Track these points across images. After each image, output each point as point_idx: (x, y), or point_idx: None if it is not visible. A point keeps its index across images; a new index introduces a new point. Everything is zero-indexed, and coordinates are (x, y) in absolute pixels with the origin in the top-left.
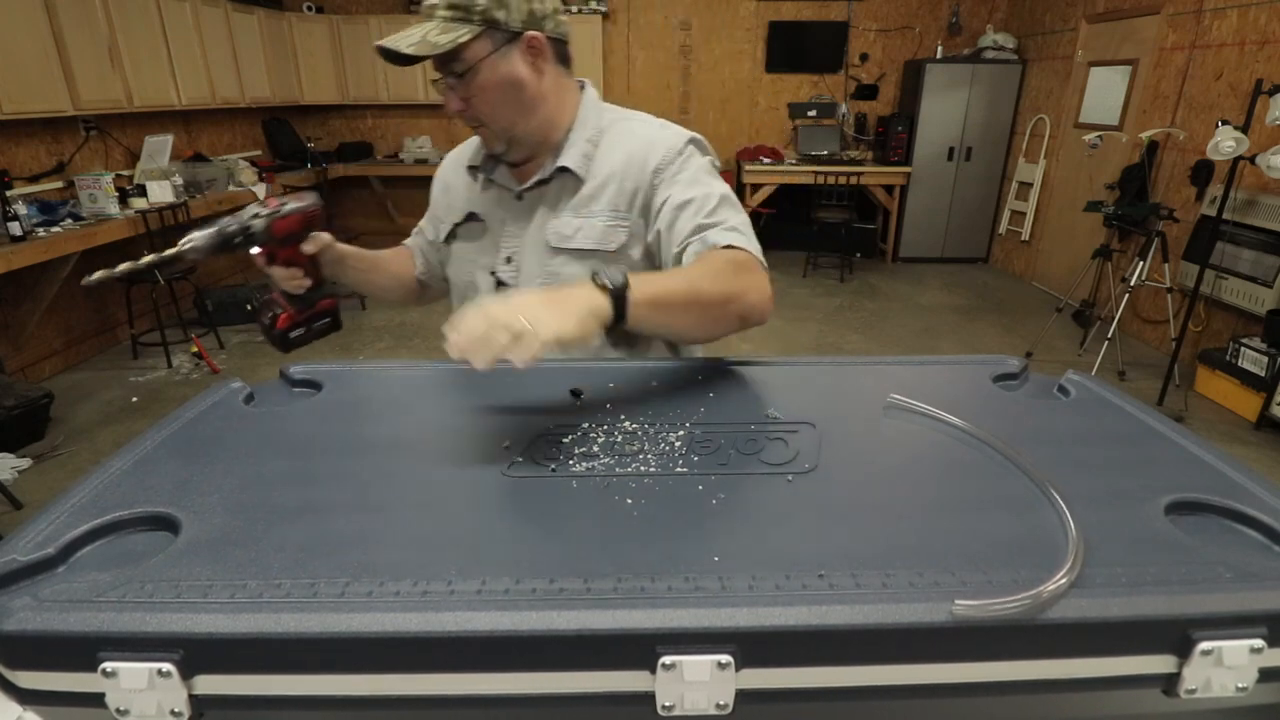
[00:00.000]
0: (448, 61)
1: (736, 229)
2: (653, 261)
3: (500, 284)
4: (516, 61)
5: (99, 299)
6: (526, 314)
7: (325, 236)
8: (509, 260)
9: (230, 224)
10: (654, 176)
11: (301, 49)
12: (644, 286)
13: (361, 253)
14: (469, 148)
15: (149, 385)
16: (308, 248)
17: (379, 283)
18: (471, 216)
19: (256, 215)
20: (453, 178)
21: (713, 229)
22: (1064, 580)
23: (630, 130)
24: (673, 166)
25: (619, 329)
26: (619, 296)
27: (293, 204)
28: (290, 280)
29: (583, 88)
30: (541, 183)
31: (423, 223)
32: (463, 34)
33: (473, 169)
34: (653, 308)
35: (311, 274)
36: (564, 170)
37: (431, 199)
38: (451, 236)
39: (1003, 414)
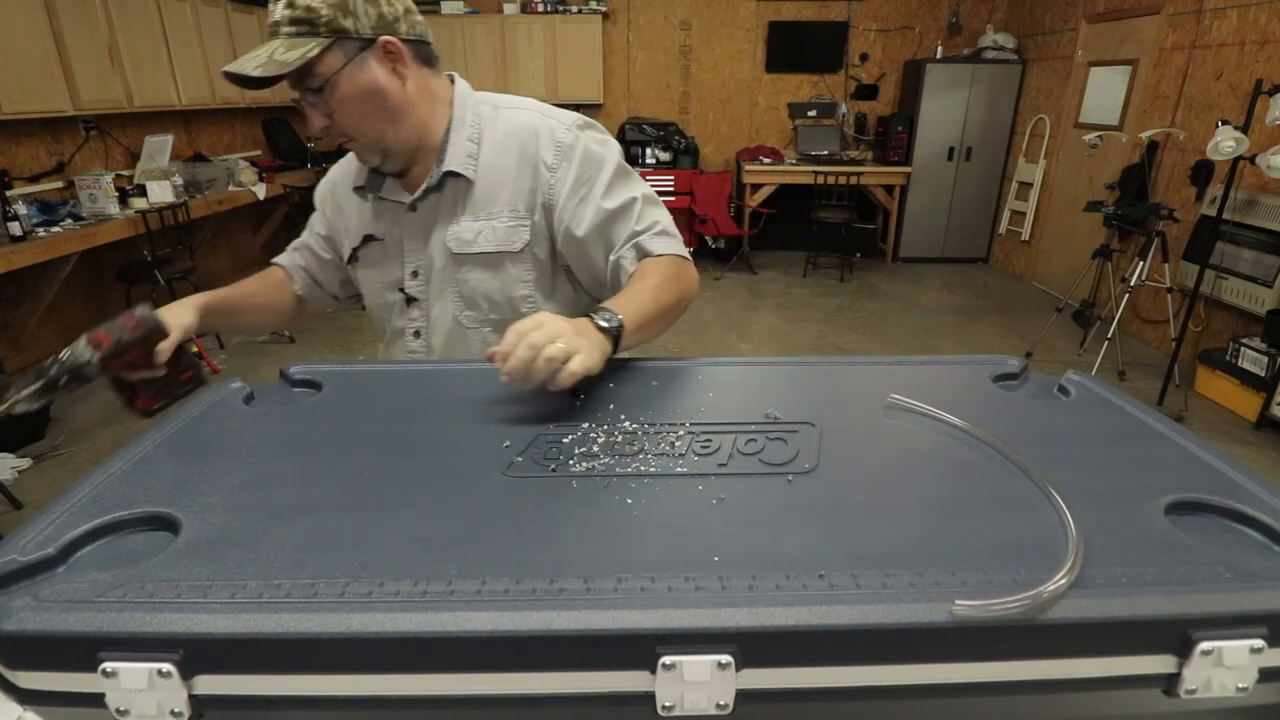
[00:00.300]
0: (302, 79)
1: (666, 232)
2: (556, 260)
3: (410, 300)
4: (374, 70)
5: (99, 299)
6: (567, 344)
7: (171, 340)
8: (415, 274)
9: (58, 371)
10: (550, 175)
11: None
12: (631, 315)
13: (220, 304)
14: (350, 165)
15: None
16: (158, 362)
17: (248, 321)
18: (369, 238)
19: (87, 363)
20: (342, 198)
21: (645, 235)
22: (1064, 580)
23: (513, 121)
24: (571, 165)
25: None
26: (617, 336)
27: (126, 335)
28: (145, 375)
29: (453, 81)
30: (431, 190)
31: (305, 239)
32: (311, 48)
33: (359, 190)
34: (635, 332)
35: (167, 364)
36: (452, 174)
37: (318, 216)
38: (353, 259)
39: (1003, 414)
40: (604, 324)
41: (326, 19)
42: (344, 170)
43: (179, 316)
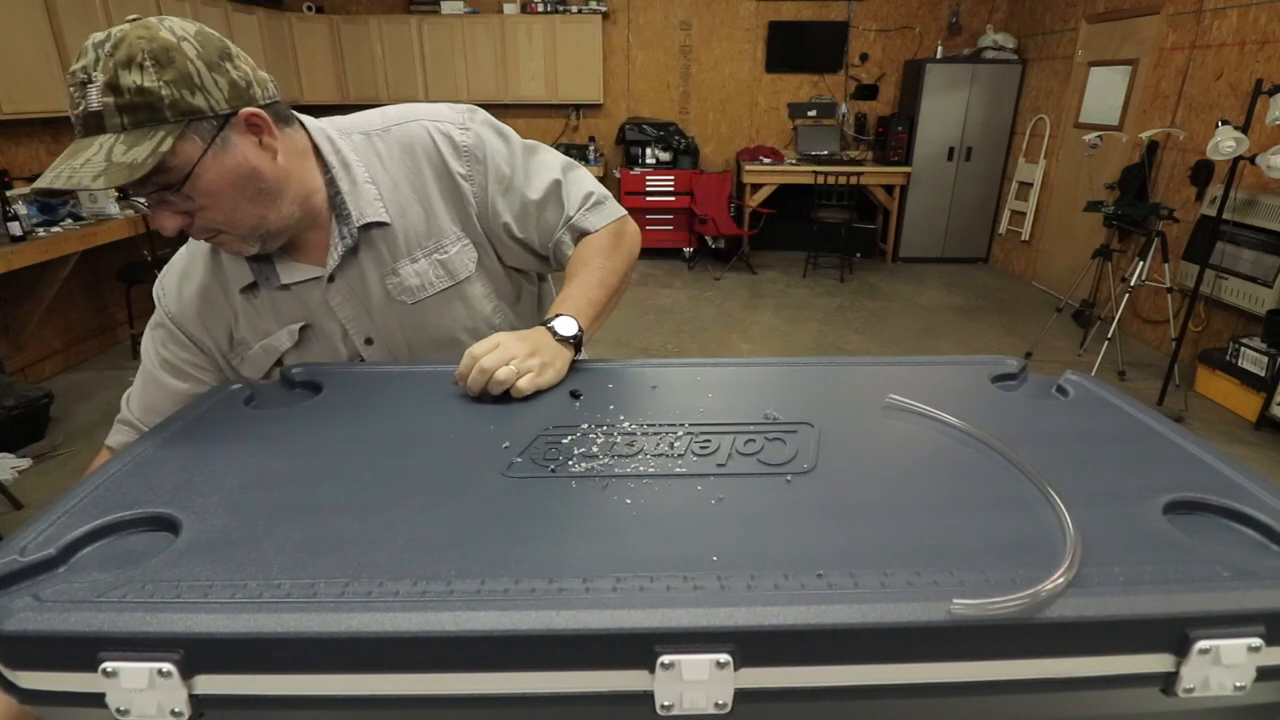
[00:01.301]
0: (150, 177)
1: (597, 201)
2: (505, 263)
3: None
4: (241, 149)
5: (99, 299)
6: (518, 366)
7: None
8: (369, 342)
9: None
10: (468, 183)
11: (301, 49)
12: (584, 313)
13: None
14: (204, 267)
15: None
16: None
17: None
18: (304, 329)
19: None
20: (225, 306)
21: (578, 214)
22: (1062, 580)
23: (398, 141)
24: (484, 165)
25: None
26: (577, 342)
27: None
28: None
29: (302, 125)
30: (349, 252)
31: (155, 391)
32: (161, 139)
33: (251, 288)
34: (592, 325)
35: None
36: (367, 226)
37: (173, 344)
38: (279, 363)
39: (1002, 414)
40: (562, 333)
41: (171, 100)
42: (202, 276)
43: None
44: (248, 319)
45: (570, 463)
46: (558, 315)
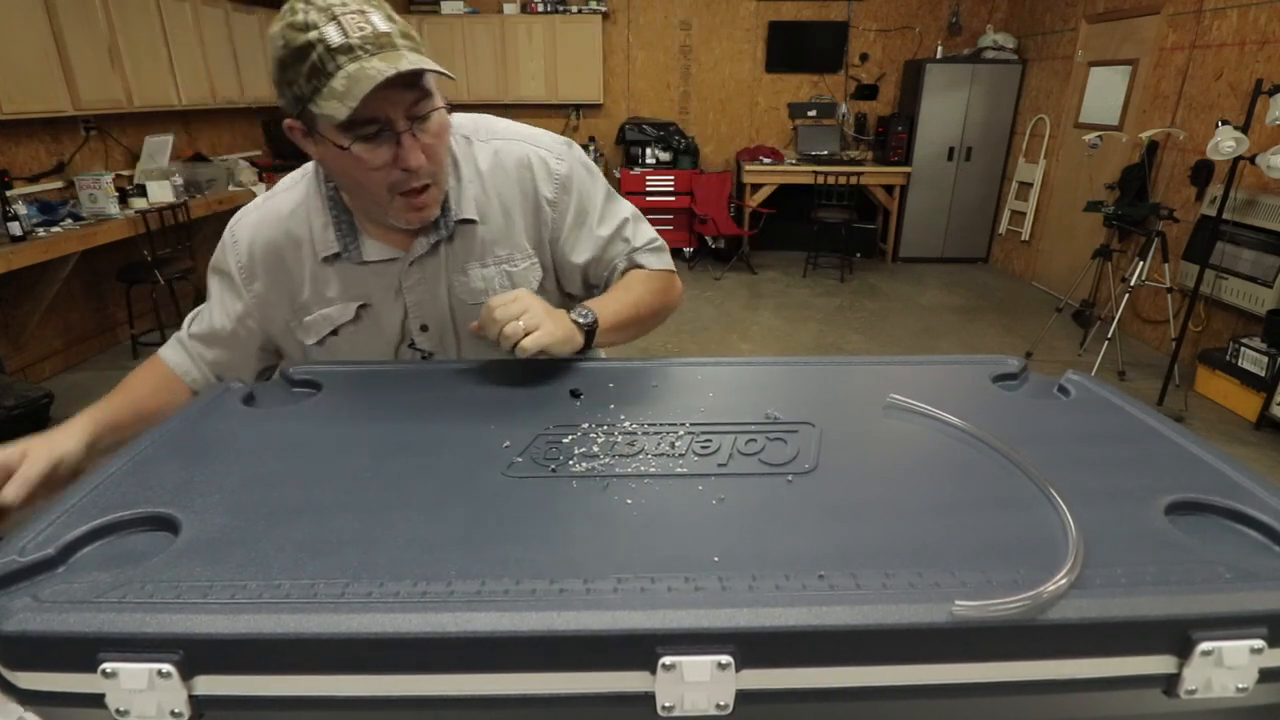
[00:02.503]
0: (418, 100)
1: (658, 248)
2: (561, 289)
3: (425, 356)
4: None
5: (99, 299)
6: (527, 322)
7: (27, 480)
8: (425, 329)
9: None
10: (553, 210)
11: None
12: (607, 316)
13: (116, 419)
14: (286, 230)
15: None
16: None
17: (137, 433)
18: (362, 310)
19: None
20: (295, 270)
21: (640, 251)
22: (1064, 581)
23: (501, 155)
24: (570, 197)
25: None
26: (591, 331)
27: None
28: None
29: None
30: (440, 242)
31: (209, 326)
32: (431, 66)
33: (332, 258)
34: (610, 332)
35: None
36: (462, 222)
37: (232, 296)
38: (333, 333)
39: (1003, 414)
40: (578, 319)
41: (419, 40)
42: (280, 235)
43: (58, 445)
44: (314, 285)
45: (571, 463)
46: (580, 306)
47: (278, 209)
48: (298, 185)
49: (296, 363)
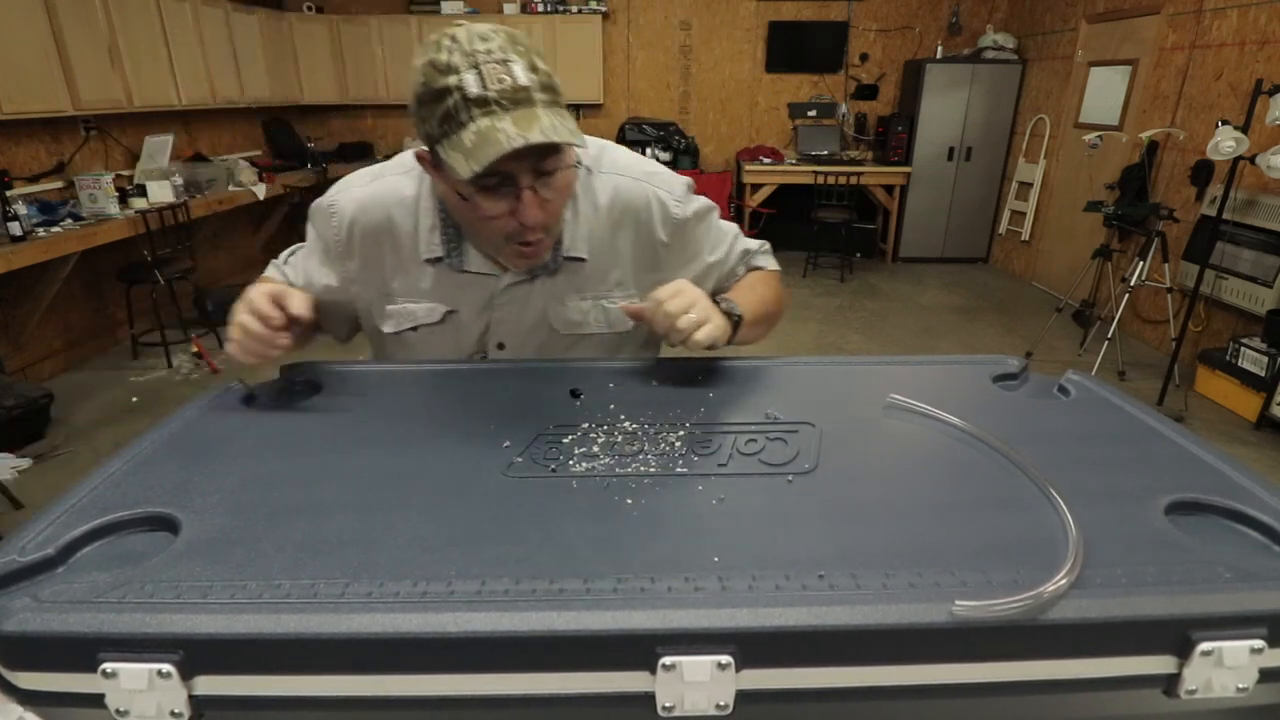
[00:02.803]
0: (547, 157)
1: (768, 251)
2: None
3: None
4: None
5: (99, 299)
6: (698, 315)
7: (305, 297)
8: (501, 346)
9: None
10: (665, 251)
11: (301, 49)
12: (748, 312)
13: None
14: (393, 221)
15: (149, 385)
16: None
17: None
18: (448, 316)
19: None
20: (393, 260)
21: (753, 255)
22: (1064, 581)
23: (617, 191)
24: (685, 240)
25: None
26: (737, 325)
27: None
28: None
29: None
30: (542, 271)
31: (302, 280)
32: (572, 118)
33: (435, 261)
34: (749, 327)
35: None
36: (570, 259)
37: (328, 267)
38: (411, 330)
39: (1003, 414)
40: (729, 311)
41: (560, 90)
42: (385, 221)
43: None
44: (407, 279)
45: (571, 463)
46: (725, 298)
47: (388, 194)
48: (411, 175)
49: (374, 342)
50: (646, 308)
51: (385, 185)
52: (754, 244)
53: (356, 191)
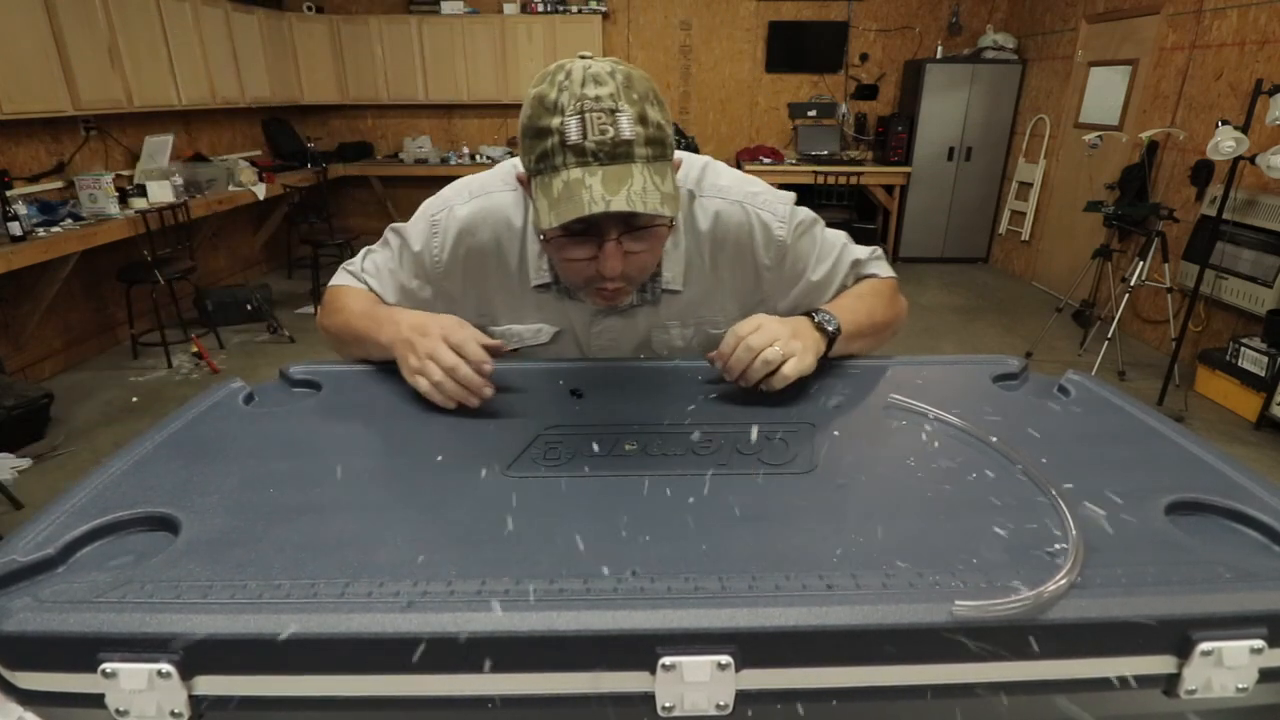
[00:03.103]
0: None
1: (880, 257)
2: None
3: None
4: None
5: (99, 299)
6: (783, 347)
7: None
8: None
9: None
10: (769, 274)
11: (301, 49)
12: (847, 322)
13: None
14: (495, 230)
15: (149, 385)
16: None
17: None
18: (557, 336)
19: None
20: (497, 282)
21: (864, 264)
22: (1064, 581)
23: (723, 219)
24: (786, 261)
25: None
26: (833, 338)
27: None
28: None
29: None
30: (641, 302)
31: (379, 290)
32: (672, 174)
33: (542, 288)
34: (849, 340)
35: None
36: (669, 291)
37: (424, 285)
38: (514, 352)
39: (1003, 414)
40: (823, 324)
41: (669, 140)
42: (490, 245)
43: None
44: (511, 302)
45: (571, 463)
46: (821, 310)
47: (495, 215)
48: (517, 194)
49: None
50: (726, 345)
51: (491, 204)
52: (864, 251)
53: (461, 210)
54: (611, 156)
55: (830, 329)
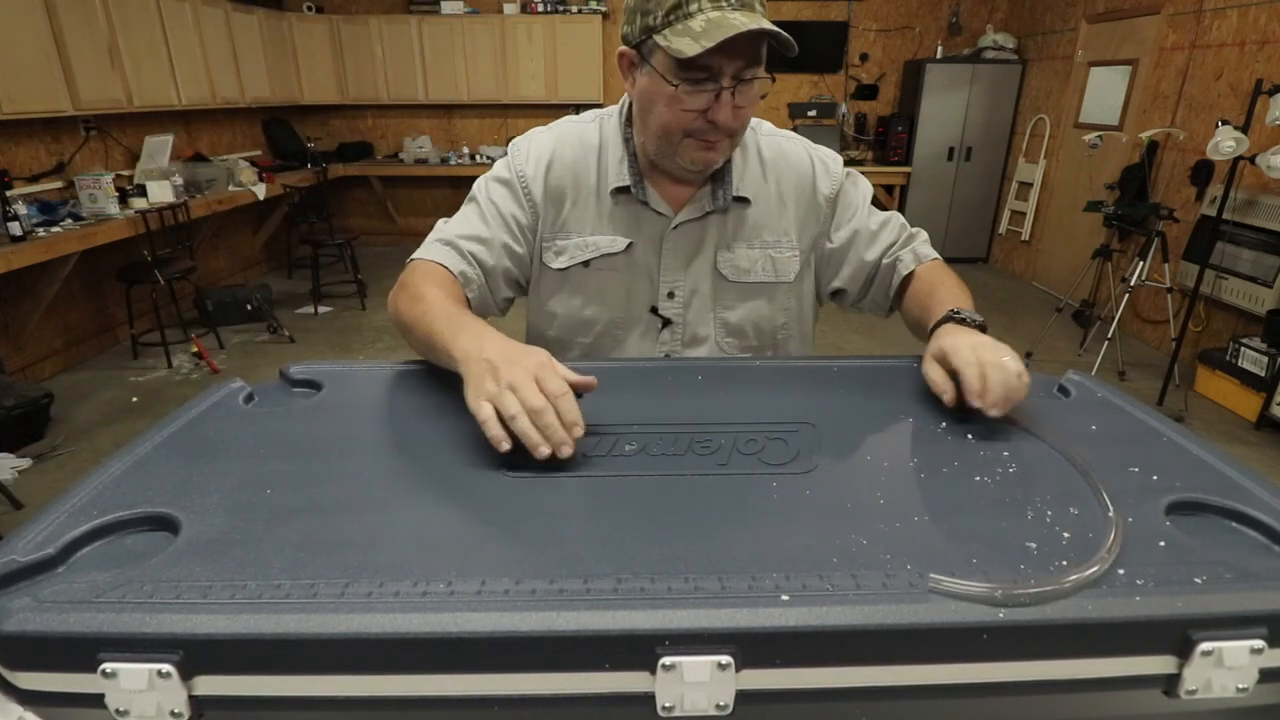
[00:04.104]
0: (750, 65)
1: (926, 240)
2: (816, 291)
3: (667, 322)
4: None
5: (99, 299)
6: (1013, 360)
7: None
8: (671, 295)
9: None
10: (827, 206)
11: (301, 49)
12: (978, 316)
13: None
14: (583, 152)
15: (149, 385)
16: None
17: None
18: (629, 247)
19: None
20: (577, 191)
21: (914, 242)
22: (1104, 562)
23: (780, 149)
24: (845, 197)
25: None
26: (984, 330)
27: None
28: None
29: None
30: (712, 212)
31: (480, 232)
32: (783, 34)
33: (620, 191)
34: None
35: None
36: (738, 199)
37: (517, 200)
38: (584, 264)
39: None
40: (969, 319)
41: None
42: (578, 153)
43: None
44: (587, 215)
45: (571, 462)
46: (960, 310)
47: (572, 134)
48: (594, 123)
49: (534, 297)
50: (973, 381)
51: (568, 129)
52: (911, 231)
53: (541, 135)
54: (741, 4)
55: (979, 323)
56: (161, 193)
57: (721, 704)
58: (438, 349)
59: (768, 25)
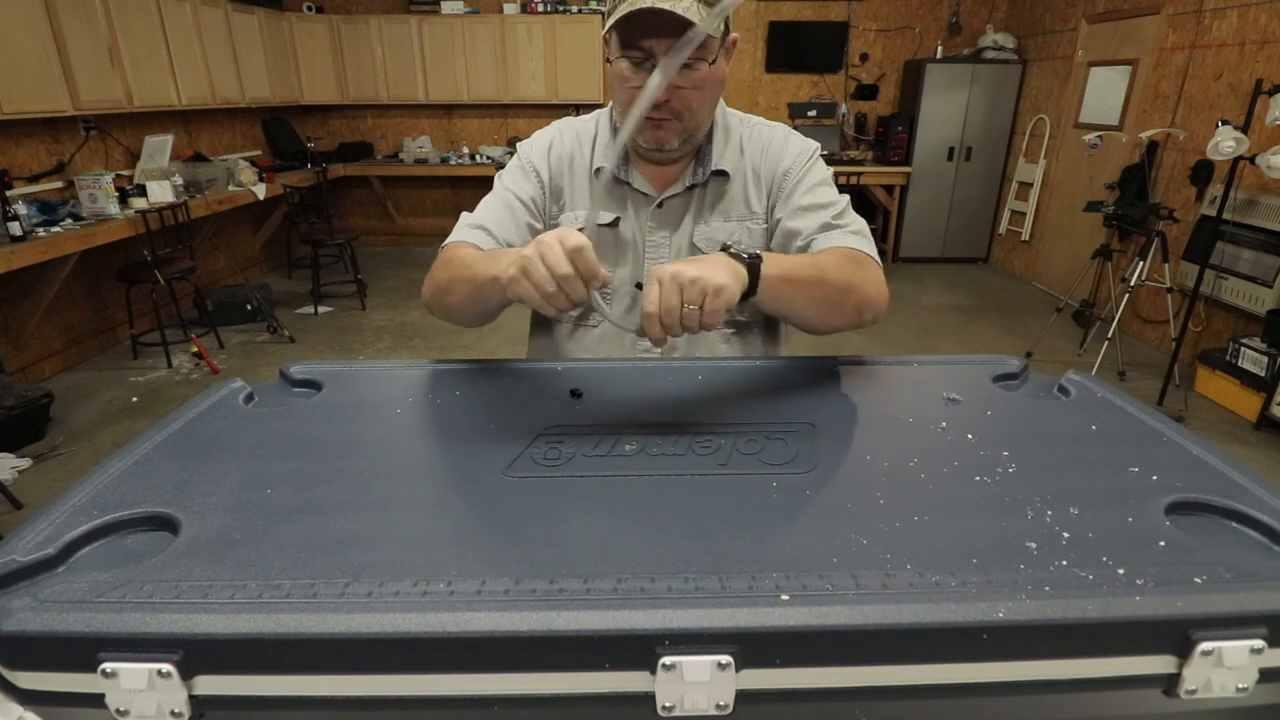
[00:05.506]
0: (699, 48)
1: (859, 233)
2: None
3: None
4: (725, 62)
5: (99, 299)
6: (709, 274)
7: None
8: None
9: None
10: (784, 179)
11: (301, 49)
12: (774, 261)
13: None
14: (578, 138)
15: (149, 385)
16: None
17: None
18: (615, 222)
19: None
20: (573, 170)
21: (838, 230)
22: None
23: (763, 133)
24: (801, 171)
25: (748, 301)
26: (754, 268)
27: None
28: None
29: None
30: (693, 186)
31: (496, 214)
32: (721, 19)
33: (601, 171)
34: (780, 282)
35: None
36: (717, 174)
37: (530, 176)
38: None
39: (1003, 414)
40: (740, 253)
41: (722, 6)
42: (574, 141)
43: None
44: (582, 193)
45: (571, 462)
46: (740, 246)
47: (570, 127)
48: (591, 119)
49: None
50: (649, 297)
51: (567, 123)
52: (848, 218)
53: (545, 130)
54: None
55: (749, 257)
56: (161, 193)
57: (721, 704)
58: (481, 282)
59: (663, 5)
